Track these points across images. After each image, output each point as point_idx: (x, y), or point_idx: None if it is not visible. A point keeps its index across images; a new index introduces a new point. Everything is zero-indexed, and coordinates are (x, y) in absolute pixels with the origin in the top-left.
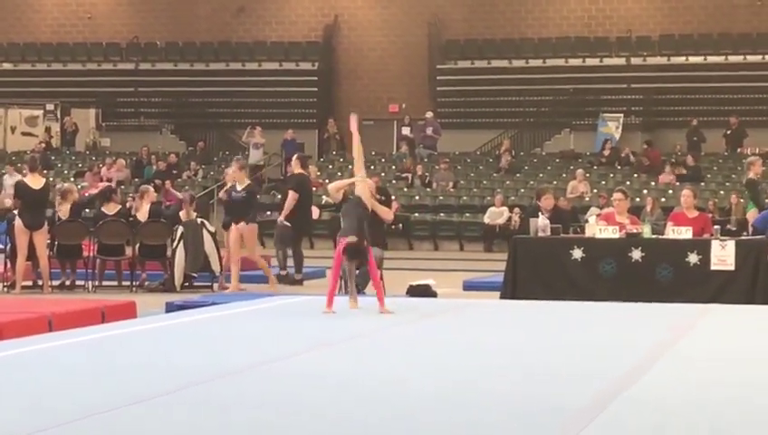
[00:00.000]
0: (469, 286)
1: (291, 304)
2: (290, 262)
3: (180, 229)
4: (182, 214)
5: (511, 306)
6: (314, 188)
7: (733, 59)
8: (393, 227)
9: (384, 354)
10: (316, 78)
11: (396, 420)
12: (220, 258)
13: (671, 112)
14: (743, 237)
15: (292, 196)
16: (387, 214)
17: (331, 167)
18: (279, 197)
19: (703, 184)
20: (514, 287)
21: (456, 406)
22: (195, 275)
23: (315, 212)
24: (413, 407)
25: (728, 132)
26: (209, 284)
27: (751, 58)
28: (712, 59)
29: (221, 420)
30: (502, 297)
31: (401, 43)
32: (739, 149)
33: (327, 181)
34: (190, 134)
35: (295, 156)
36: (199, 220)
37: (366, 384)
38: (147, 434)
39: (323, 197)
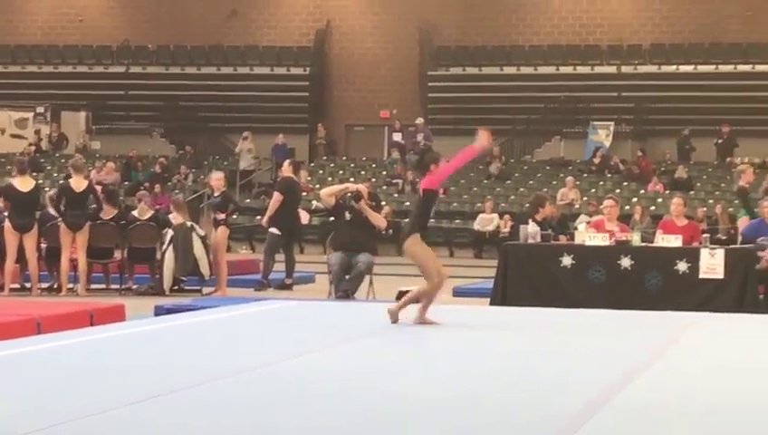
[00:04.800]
0: (459, 293)
1: (280, 308)
2: (281, 266)
3: (170, 233)
4: (172, 217)
5: (500, 313)
6: (304, 193)
7: (723, 68)
8: (383, 232)
9: (374, 360)
10: (307, 83)
11: (384, 426)
12: (210, 262)
13: (661, 121)
14: (732, 246)
15: (276, 197)
16: (379, 220)
17: (321, 172)
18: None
19: (692, 193)
20: (504, 294)
21: (445, 412)
22: (184, 278)
23: (305, 217)
24: (401, 412)
25: (719, 141)
26: (198, 287)
27: (741, 68)
28: (702, 68)
29: (211, 421)
30: (491, 304)
31: (393, 49)
32: (729, 159)
33: (318, 186)
34: (180, 138)
35: (288, 160)
36: (189, 224)
37: (355, 390)
38: None
39: (314, 202)
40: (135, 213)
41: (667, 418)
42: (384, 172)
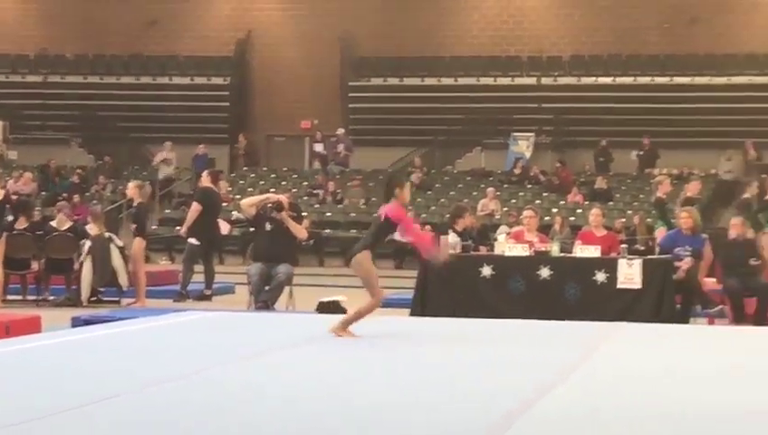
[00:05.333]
0: None
1: (198, 319)
2: (200, 277)
3: (88, 244)
4: (89, 228)
5: (420, 323)
6: (224, 204)
7: (641, 80)
8: (304, 243)
9: (292, 370)
10: (228, 93)
11: None
12: (128, 273)
13: (581, 132)
14: (650, 256)
15: (194, 207)
16: (300, 232)
17: (242, 182)
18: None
19: (612, 203)
20: (424, 304)
21: (360, 423)
22: (102, 289)
23: (225, 227)
24: (315, 422)
25: (641, 153)
26: (117, 299)
27: (659, 80)
28: (621, 80)
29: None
30: (412, 314)
31: (314, 60)
32: (647, 170)
33: (238, 197)
34: (99, 148)
35: (206, 171)
36: (107, 235)
37: (272, 399)
38: None
39: (234, 212)
40: (53, 223)
41: (585, 427)
42: (305, 183)
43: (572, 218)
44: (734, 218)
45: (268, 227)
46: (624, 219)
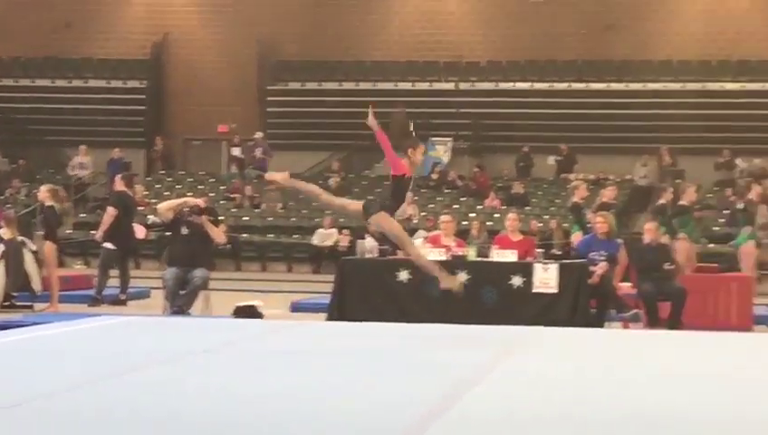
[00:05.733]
0: (296, 308)
1: (113, 324)
2: (115, 282)
3: (1, 248)
4: (2, 233)
5: (336, 328)
6: (140, 208)
7: (558, 86)
8: (222, 247)
9: (204, 375)
10: (144, 96)
11: None
12: (42, 277)
13: (499, 137)
14: (565, 260)
15: (110, 211)
16: (219, 236)
17: (159, 186)
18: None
19: (529, 208)
20: (341, 309)
21: (269, 431)
22: (15, 294)
23: (140, 231)
24: (217, 430)
25: (559, 158)
26: (30, 303)
27: (576, 85)
28: (538, 85)
29: None
30: (328, 319)
31: (231, 63)
32: (564, 175)
33: (155, 201)
34: (13, 151)
35: (119, 175)
36: (20, 239)
37: (180, 404)
38: None
39: (150, 216)
40: None
41: (501, 429)
42: (222, 187)
43: (490, 223)
44: (648, 223)
45: (184, 231)
46: (541, 224)
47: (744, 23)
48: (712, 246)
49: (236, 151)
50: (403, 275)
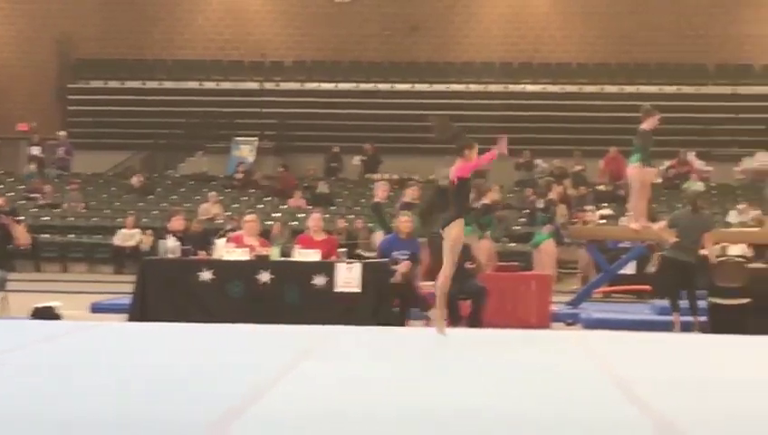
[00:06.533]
0: (97, 309)
1: None
2: None
3: None
4: None
5: (137, 328)
6: None
7: (364, 86)
8: (22, 248)
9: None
10: None
11: None
12: None
13: (304, 137)
14: (369, 260)
15: None
16: (23, 236)
17: None
18: None
19: (334, 208)
20: (143, 309)
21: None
22: None
23: None
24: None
25: (364, 158)
26: None
27: (381, 86)
28: (343, 86)
29: None
30: (130, 319)
31: (30, 61)
32: (369, 175)
33: None
34: None
35: None
36: None
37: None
38: None
39: None
40: None
41: (299, 429)
42: (22, 186)
43: (295, 223)
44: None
45: None
46: (347, 223)
47: (543, 26)
48: (513, 245)
49: (36, 150)
50: (205, 276)
